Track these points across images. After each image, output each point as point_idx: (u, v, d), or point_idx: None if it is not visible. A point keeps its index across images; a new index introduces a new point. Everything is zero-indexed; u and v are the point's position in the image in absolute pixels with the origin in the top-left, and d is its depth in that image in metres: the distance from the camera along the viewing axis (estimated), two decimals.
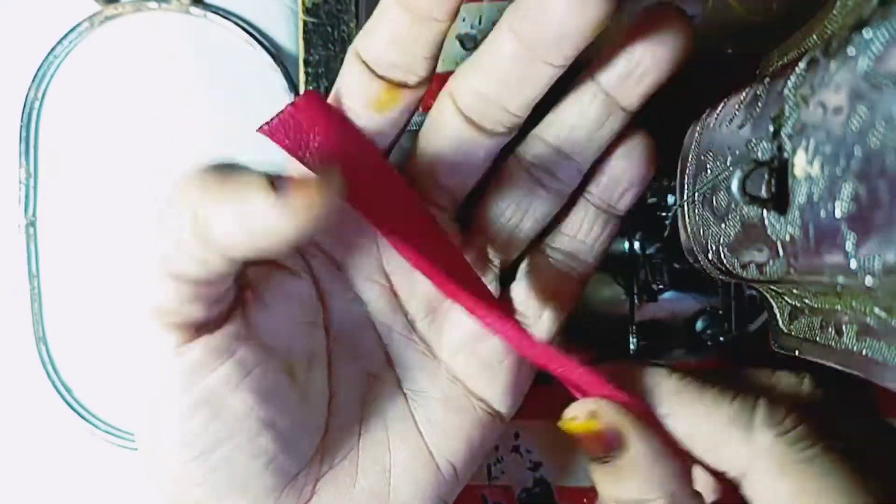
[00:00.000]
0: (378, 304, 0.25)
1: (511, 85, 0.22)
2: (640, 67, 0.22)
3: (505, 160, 0.25)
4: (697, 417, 0.23)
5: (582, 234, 0.27)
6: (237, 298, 0.22)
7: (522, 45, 0.21)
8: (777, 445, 0.21)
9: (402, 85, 0.23)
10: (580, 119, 0.24)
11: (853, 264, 0.14)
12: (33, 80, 0.36)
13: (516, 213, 0.25)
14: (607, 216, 0.27)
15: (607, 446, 0.22)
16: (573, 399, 0.23)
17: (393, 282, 0.25)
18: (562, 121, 0.24)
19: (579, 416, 0.22)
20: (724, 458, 0.22)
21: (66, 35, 0.36)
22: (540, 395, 0.27)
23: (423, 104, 0.24)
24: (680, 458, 0.22)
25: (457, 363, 0.26)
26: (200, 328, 0.21)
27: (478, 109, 0.23)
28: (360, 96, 0.23)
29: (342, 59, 0.33)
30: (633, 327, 0.32)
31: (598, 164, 0.25)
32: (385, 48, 0.22)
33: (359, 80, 0.23)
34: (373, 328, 0.26)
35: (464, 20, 0.33)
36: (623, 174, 0.26)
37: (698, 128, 0.24)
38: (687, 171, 0.24)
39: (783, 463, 0.21)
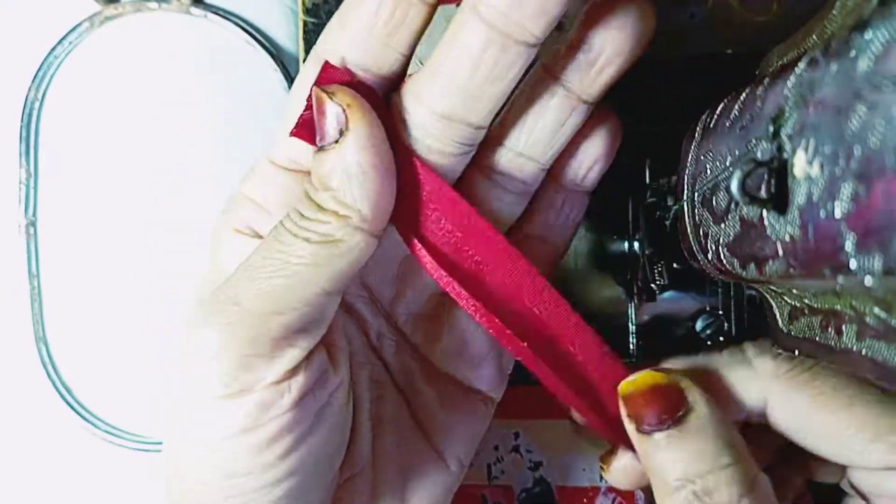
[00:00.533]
0: (366, 314, 0.25)
1: (476, 88, 0.20)
2: (602, 57, 0.21)
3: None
4: (699, 375, 0.23)
5: (551, 217, 0.26)
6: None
7: (492, 28, 0.19)
8: (779, 364, 0.22)
9: None
10: (539, 119, 0.22)
11: (853, 264, 0.14)
12: (33, 81, 0.36)
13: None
14: (575, 195, 0.25)
15: (675, 404, 0.21)
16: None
17: (374, 292, 0.25)
18: (520, 123, 0.22)
19: (642, 376, 0.22)
20: (743, 401, 0.22)
21: (66, 35, 0.36)
22: (540, 395, 0.27)
23: None
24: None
25: (448, 364, 0.26)
26: (308, 356, 0.20)
27: (435, 132, 0.21)
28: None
29: None
30: (633, 327, 0.32)
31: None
32: (354, 45, 0.20)
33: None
34: (367, 337, 0.26)
35: None
36: (586, 152, 0.24)
37: (698, 128, 0.24)
38: (686, 171, 0.24)
39: (791, 377, 0.22)
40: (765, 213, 0.18)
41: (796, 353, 0.21)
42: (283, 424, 0.20)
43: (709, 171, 0.22)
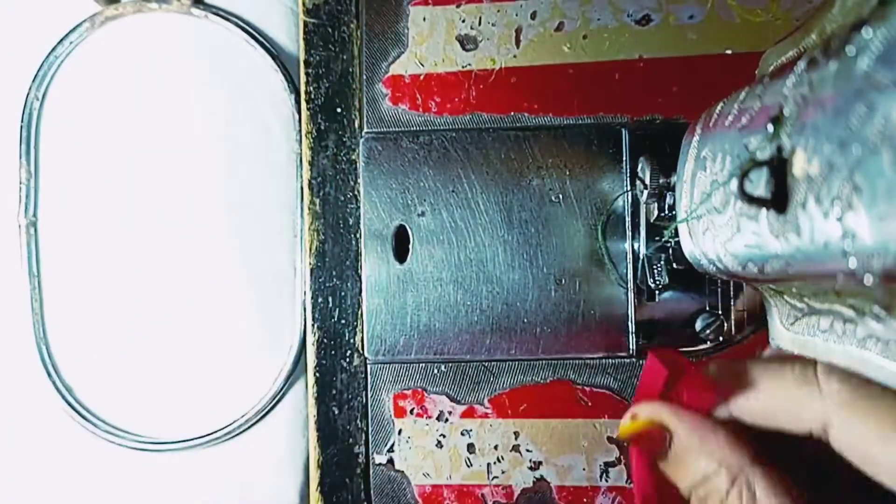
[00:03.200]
0: None
1: None
2: None
3: None
4: (771, 390, 0.24)
5: None
6: None
7: None
8: (844, 389, 0.22)
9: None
10: None
11: (852, 263, 0.14)
12: (34, 81, 0.36)
13: None
14: None
15: (658, 439, 0.24)
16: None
17: None
18: None
19: (626, 422, 0.25)
20: (806, 419, 0.23)
21: (66, 35, 0.36)
22: (539, 394, 0.27)
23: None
24: (726, 430, 0.24)
25: None
26: None
27: None
28: None
29: (342, 60, 0.34)
30: (633, 327, 0.32)
31: None
32: None
33: None
34: None
35: (464, 21, 0.33)
36: None
37: (698, 127, 0.24)
38: (686, 170, 0.24)
39: (855, 400, 0.22)
40: (764, 212, 0.18)
41: (797, 352, 0.21)
42: None
43: (708, 171, 0.22)
